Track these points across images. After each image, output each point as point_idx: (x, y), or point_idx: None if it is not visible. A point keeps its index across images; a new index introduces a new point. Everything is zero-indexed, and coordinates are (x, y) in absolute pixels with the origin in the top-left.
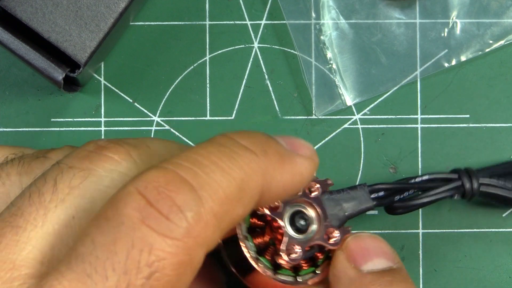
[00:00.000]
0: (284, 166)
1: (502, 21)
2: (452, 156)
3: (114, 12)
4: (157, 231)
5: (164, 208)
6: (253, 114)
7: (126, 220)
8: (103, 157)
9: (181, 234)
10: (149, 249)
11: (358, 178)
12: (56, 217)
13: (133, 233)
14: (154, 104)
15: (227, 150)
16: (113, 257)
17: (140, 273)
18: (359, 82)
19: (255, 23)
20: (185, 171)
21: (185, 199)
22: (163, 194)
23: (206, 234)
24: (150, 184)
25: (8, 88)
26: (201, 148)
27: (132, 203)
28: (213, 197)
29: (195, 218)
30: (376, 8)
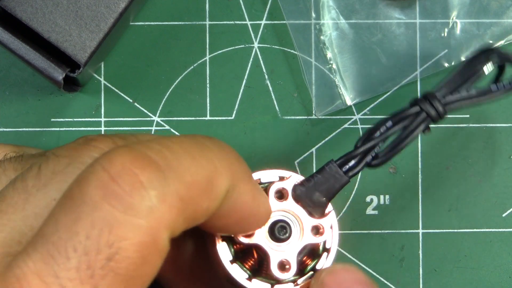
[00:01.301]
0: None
1: (502, 21)
2: (452, 156)
3: (114, 12)
4: (119, 210)
5: (127, 185)
6: (253, 114)
7: (88, 199)
8: (89, 146)
9: (144, 214)
10: (109, 229)
11: (358, 178)
12: (37, 200)
13: (94, 212)
14: (154, 104)
15: (200, 144)
16: (74, 237)
17: (100, 254)
18: (359, 82)
19: (255, 23)
20: (154, 152)
21: (150, 176)
22: (127, 170)
23: (170, 216)
24: (115, 160)
25: (8, 88)
26: (177, 137)
27: (95, 181)
28: (180, 179)
29: (159, 197)
30: (376, 8)
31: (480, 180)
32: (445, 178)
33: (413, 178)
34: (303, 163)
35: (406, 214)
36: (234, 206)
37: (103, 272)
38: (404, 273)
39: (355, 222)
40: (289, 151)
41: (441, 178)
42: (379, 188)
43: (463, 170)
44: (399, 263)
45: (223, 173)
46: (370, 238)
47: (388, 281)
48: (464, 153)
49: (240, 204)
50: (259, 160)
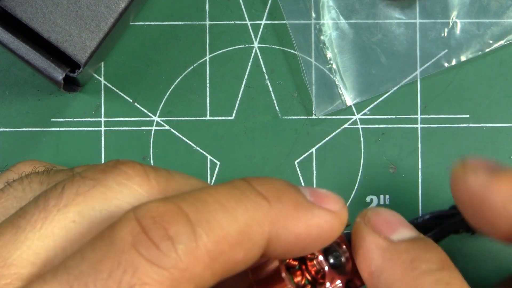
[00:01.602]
0: (299, 215)
1: (502, 21)
2: (452, 156)
3: (114, 12)
4: (145, 258)
5: (156, 237)
6: (253, 114)
7: (118, 242)
8: (117, 170)
9: (168, 264)
10: (133, 271)
11: (358, 178)
12: (56, 221)
13: (121, 254)
14: (154, 104)
15: (237, 192)
16: (97, 274)
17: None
18: (359, 82)
19: (255, 23)
20: (186, 205)
21: (178, 231)
22: (158, 224)
23: (195, 270)
24: (148, 212)
25: (8, 88)
26: (212, 188)
27: (127, 228)
28: (209, 234)
29: (185, 251)
30: (376, 8)
31: None
32: (445, 178)
33: (413, 178)
34: (303, 163)
35: (406, 214)
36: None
37: None
38: None
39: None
40: (289, 151)
41: (441, 178)
42: (379, 188)
43: None
44: None
45: (260, 221)
46: None
47: None
48: (464, 153)
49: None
50: (259, 160)
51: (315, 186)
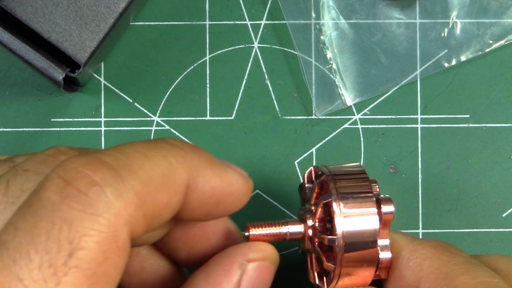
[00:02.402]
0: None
1: (502, 21)
2: (452, 156)
3: (114, 12)
4: (77, 209)
5: (82, 186)
6: (253, 114)
7: (46, 203)
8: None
9: (101, 209)
10: (68, 226)
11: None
12: (5, 219)
13: (53, 213)
14: (154, 104)
15: (154, 143)
16: (35, 239)
17: (62, 251)
18: (359, 82)
19: (255, 23)
20: (107, 156)
21: (103, 176)
22: (81, 173)
23: (128, 212)
24: (69, 165)
25: (8, 88)
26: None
27: (51, 187)
28: (134, 176)
29: (115, 193)
30: (376, 8)
31: (480, 180)
32: (445, 178)
33: (413, 178)
34: (303, 163)
35: (406, 214)
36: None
37: (65, 268)
38: None
39: None
40: (289, 151)
41: (441, 178)
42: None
43: (463, 170)
44: None
45: (179, 167)
46: None
47: None
48: (464, 153)
49: (209, 190)
50: (259, 160)
51: None
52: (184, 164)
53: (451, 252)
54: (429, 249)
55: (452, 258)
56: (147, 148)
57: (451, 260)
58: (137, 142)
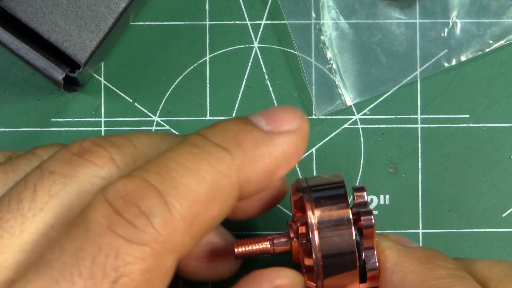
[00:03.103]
0: (262, 152)
1: (502, 21)
2: (452, 156)
3: (114, 12)
4: (124, 238)
5: (130, 216)
6: None
7: (94, 226)
8: (85, 162)
9: (148, 240)
10: (115, 254)
11: (358, 178)
12: (34, 227)
13: (100, 239)
14: (154, 104)
15: (197, 151)
16: (80, 262)
17: (106, 277)
18: (359, 82)
19: (255, 23)
20: (152, 177)
21: (150, 205)
22: (129, 202)
23: (175, 239)
24: (117, 193)
25: (8, 88)
26: (172, 151)
27: (99, 211)
28: (181, 201)
29: (162, 223)
30: (376, 8)
31: (480, 180)
32: (445, 178)
33: (413, 178)
34: (303, 163)
35: (406, 214)
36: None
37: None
38: None
39: None
40: None
41: (441, 178)
42: (379, 188)
43: (463, 170)
44: None
45: (227, 173)
46: None
47: None
48: (464, 153)
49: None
50: None
51: None
52: (232, 168)
53: (435, 264)
54: (413, 262)
55: (435, 271)
56: (190, 160)
57: (433, 274)
58: (180, 150)
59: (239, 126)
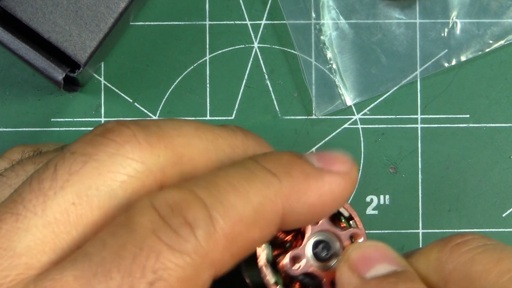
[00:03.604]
0: (310, 186)
1: (502, 21)
2: (452, 156)
3: (114, 12)
4: (166, 243)
5: (175, 224)
6: (253, 114)
7: (138, 228)
8: (106, 140)
9: (190, 250)
10: (156, 256)
11: (358, 178)
12: (56, 205)
13: (143, 240)
14: (154, 104)
15: (247, 172)
16: (120, 260)
17: (144, 278)
18: (359, 82)
19: (255, 23)
20: (200, 190)
21: (196, 217)
22: (175, 211)
23: (215, 254)
24: (164, 201)
25: (8, 88)
26: (221, 170)
27: (146, 215)
28: (225, 218)
29: (205, 236)
30: (376, 8)
31: (480, 180)
32: (445, 178)
33: (413, 178)
34: None
35: (406, 214)
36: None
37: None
38: None
39: None
40: None
41: (441, 178)
42: (379, 188)
43: (463, 170)
44: None
45: (273, 199)
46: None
47: None
48: (464, 153)
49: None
50: None
51: None
52: (278, 194)
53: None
54: None
55: None
56: (240, 180)
57: None
58: (231, 171)
59: (291, 157)
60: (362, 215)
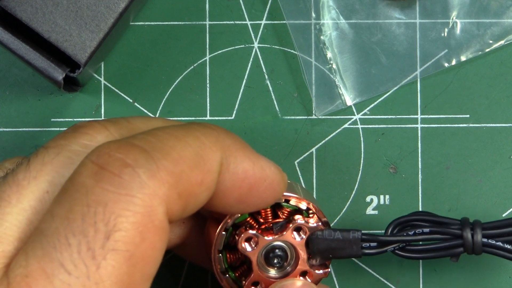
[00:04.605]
0: (245, 151)
1: (502, 21)
2: (452, 156)
3: (114, 12)
4: (111, 190)
5: (115, 168)
6: (253, 114)
7: (80, 187)
8: (78, 134)
9: (135, 190)
10: (103, 208)
11: (358, 178)
12: (30, 193)
13: (87, 197)
14: (154, 104)
15: (185, 126)
16: (71, 224)
17: (98, 233)
18: (359, 82)
19: (255, 23)
20: (138, 139)
21: (135, 158)
22: (114, 157)
23: (162, 191)
24: (101, 151)
25: (8, 88)
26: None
27: (85, 172)
28: (166, 156)
29: (147, 173)
30: (376, 8)
31: (480, 180)
32: (445, 178)
33: (413, 178)
34: (303, 163)
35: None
36: (236, 176)
37: (103, 251)
38: (404, 273)
39: (355, 222)
40: (289, 151)
41: (441, 178)
42: (379, 188)
43: (463, 170)
44: (399, 263)
45: (212, 146)
46: None
47: (388, 281)
48: (464, 153)
49: (241, 172)
50: None
51: (315, 186)
52: (217, 144)
53: None
54: None
55: None
56: (178, 130)
57: None
58: (168, 126)
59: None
60: (362, 215)
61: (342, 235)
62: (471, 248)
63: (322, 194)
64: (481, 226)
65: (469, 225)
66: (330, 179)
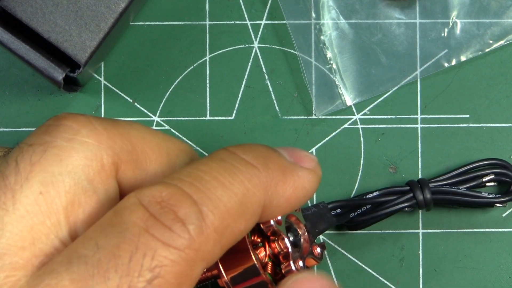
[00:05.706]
0: (286, 180)
1: (502, 21)
2: (452, 156)
3: (114, 12)
4: (161, 240)
5: (167, 220)
6: (253, 114)
7: (131, 227)
8: (62, 127)
9: (184, 245)
10: (152, 254)
11: (358, 178)
12: (25, 197)
13: (137, 239)
14: (154, 104)
15: (228, 165)
16: (116, 260)
17: (142, 276)
18: (359, 82)
19: (255, 23)
20: (187, 186)
21: (187, 212)
22: (166, 208)
23: (207, 248)
24: (153, 198)
25: (8, 88)
26: (202, 164)
27: (136, 213)
28: (214, 211)
29: (197, 231)
30: (376, 8)
31: None
32: None
33: (413, 178)
34: None
35: (406, 214)
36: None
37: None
38: (404, 273)
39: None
40: None
41: None
42: (379, 188)
43: None
44: (399, 263)
45: (255, 191)
46: (370, 238)
47: (388, 281)
48: (464, 153)
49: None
50: None
51: None
52: (260, 186)
53: None
54: None
55: None
56: (223, 174)
57: None
58: (211, 164)
59: (266, 149)
60: None
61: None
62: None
63: (322, 194)
64: (427, 182)
65: (417, 184)
66: (330, 179)
